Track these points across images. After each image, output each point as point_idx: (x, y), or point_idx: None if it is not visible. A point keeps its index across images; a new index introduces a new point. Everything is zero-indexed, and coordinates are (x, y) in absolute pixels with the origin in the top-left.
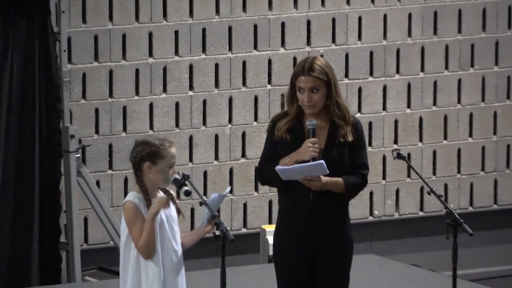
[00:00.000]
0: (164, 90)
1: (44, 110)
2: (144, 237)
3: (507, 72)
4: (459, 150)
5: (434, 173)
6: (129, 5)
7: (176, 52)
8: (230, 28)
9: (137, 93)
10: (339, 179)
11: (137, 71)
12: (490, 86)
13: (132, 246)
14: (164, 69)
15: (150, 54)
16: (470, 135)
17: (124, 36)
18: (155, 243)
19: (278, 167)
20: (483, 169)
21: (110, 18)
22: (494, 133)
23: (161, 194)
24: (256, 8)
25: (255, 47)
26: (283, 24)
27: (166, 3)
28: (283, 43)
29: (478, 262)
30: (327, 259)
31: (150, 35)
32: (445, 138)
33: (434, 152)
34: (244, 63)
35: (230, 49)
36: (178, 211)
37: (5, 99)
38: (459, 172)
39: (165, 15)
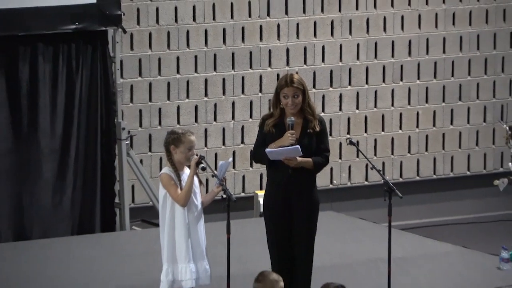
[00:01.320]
0: (187, 96)
1: (104, 111)
2: (185, 189)
3: (425, 85)
4: (392, 139)
5: (375, 154)
6: (162, 38)
7: (196, 70)
8: (233, 54)
9: (168, 99)
10: (309, 159)
11: (168, 83)
12: (414, 94)
13: (167, 203)
14: (187, 82)
15: (178, 72)
16: (400, 128)
17: (159, 59)
18: (191, 194)
19: (267, 149)
20: (409, 152)
21: (150, 46)
22: (417, 126)
23: (187, 169)
24: (251, 40)
25: (250, 67)
26: (269, 51)
27: (189, 36)
28: (270, 64)
29: (405, 216)
30: (300, 214)
31: (178, 58)
32: (383, 130)
33: (375, 140)
34: (242, 78)
35: (233, 68)
36: (200, 182)
37: (77, 103)
38: (392, 153)
39: (188, 45)
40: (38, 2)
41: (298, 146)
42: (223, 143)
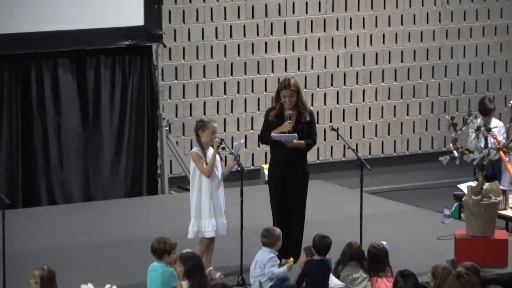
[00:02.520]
0: (211, 95)
1: (149, 105)
2: (209, 164)
3: (388, 86)
4: (363, 126)
5: (350, 137)
6: (193, 51)
7: (217, 75)
8: (245, 63)
9: (197, 96)
10: (302, 141)
11: (197, 85)
12: (380, 93)
13: (196, 174)
14: (211, 84)
15: (204, 76)
16: (369, 118)
17: (190, 67)
18: (214, 168)
19: (273, 135)
20: (376, 135)
21: (183, 57)
22: (381, 117)
23: (211, 148)
24: (258, 53)
25: (258, 73)
26: (272, 61)
27: (212, 50)
28: (272, 71)
29: (373, 183)
30: (295, 183)
31: (204, 66)
32: (356, 119)
33: (351, 127)
34: (252, 81)
35: (245, 73)
36: (220, 158)
37: (129, 100)
38: (363, 137)
39: (211, 56)
40: (101, 24)
41: (295, 134)
42: (238, 129)
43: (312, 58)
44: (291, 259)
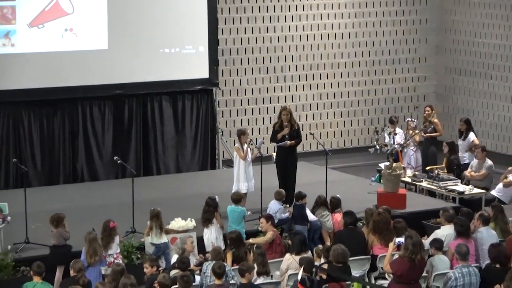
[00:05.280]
0: (245, 115)
1: (211, 121)
2: (245, 153)
3: (340, 110)
4: (327, 132)
5: (320, 137)
6: (235, 92)
7: (248, 104)
8: (263, 98)
9: (237, 115)
10: (293, 141)
11: (237, 110)
12: (336, 114)
13: (237, 158)
14: (245, 109)
15: (241, 105)
16: (330, 127)
17: (233, 100)
18: (247, 155)
19: (276, 145)
20: (334, 137)
21: (230, 95)
22: (337, 127)
23: (245, 144)
24: (270, 92)
25: (270, 103)
26: (278, 97)
27: (246, 91)
28: (278, 102)
29: (332, 163)
30: (290, 163)
31: (241, 100)
32: (323, 128)
33: (320, 133)
34: (267, 107)
35: (263, 103)
36: (250, 149)
37: (201, 118)
38: (327, 137)
39: (245, 94)
40: (185, 77)
41: (286, 142)
42: (259, 133)
43: (300, 95)
44: (288, 205)
